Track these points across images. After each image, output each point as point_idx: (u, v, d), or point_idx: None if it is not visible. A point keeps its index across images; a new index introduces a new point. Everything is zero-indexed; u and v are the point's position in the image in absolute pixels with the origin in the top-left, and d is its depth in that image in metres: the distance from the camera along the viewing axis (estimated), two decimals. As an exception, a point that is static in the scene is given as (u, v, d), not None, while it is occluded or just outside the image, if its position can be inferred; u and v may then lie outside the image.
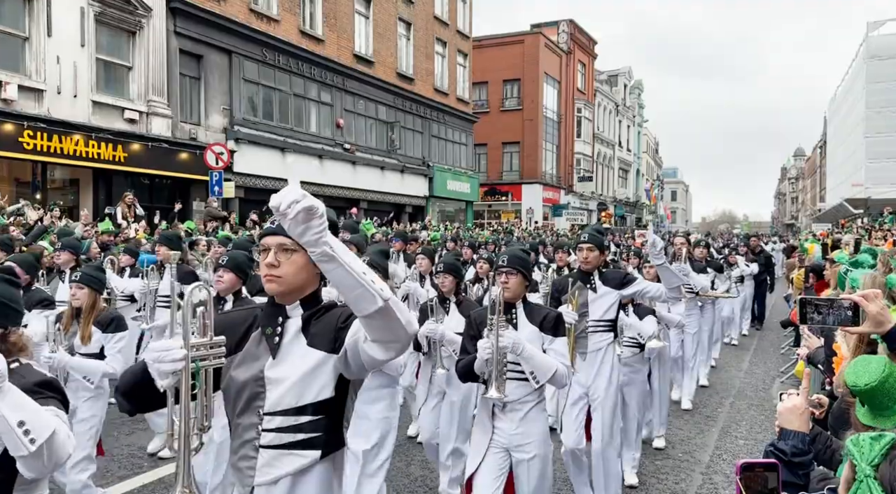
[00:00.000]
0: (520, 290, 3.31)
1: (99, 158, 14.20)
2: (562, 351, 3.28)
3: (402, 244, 8.18)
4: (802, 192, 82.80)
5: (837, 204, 37.84)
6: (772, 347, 11.07)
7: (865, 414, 1.55)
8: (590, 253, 4.30)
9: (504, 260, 3.31)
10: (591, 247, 4.30)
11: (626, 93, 51.02)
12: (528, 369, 3.17)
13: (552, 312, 3.38)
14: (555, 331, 3.28)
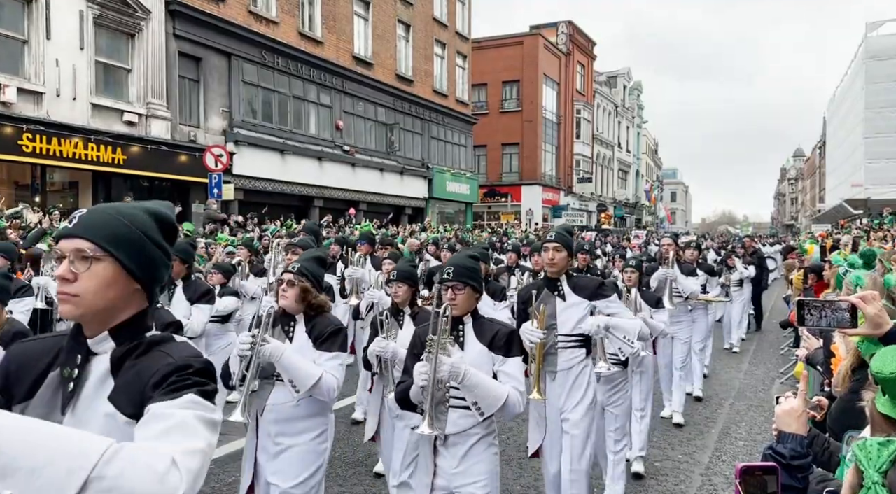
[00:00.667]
0: (468, 305, 2.90)
1: (98, 161, 14.20)
2: (515, 374, 2.81)
3: (368, 247, 7.25)
4: (802, 193, 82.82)
5: (837, 204, 37.85)
6: (771, 348, 11.07)
7: (886, 404, 1.54)
8: (556, 253, 3.73)
9: (449, 272, 2.87)
10: (557, 246, 3.73)
11: (625, 94, 51.06)
12: (470, 399, 2.72)
13: (504, 329, 2.93)
14: (507, 351, 2.84)
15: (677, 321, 6.80)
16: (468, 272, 2.92)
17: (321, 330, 3.06)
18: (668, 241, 7.02)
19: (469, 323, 2.94)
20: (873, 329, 2.01)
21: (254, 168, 18.28)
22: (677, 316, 6.77)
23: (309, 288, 3.08)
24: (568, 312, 3.76)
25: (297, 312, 3.11)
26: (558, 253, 3.74)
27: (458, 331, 2.91)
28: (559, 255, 3.74)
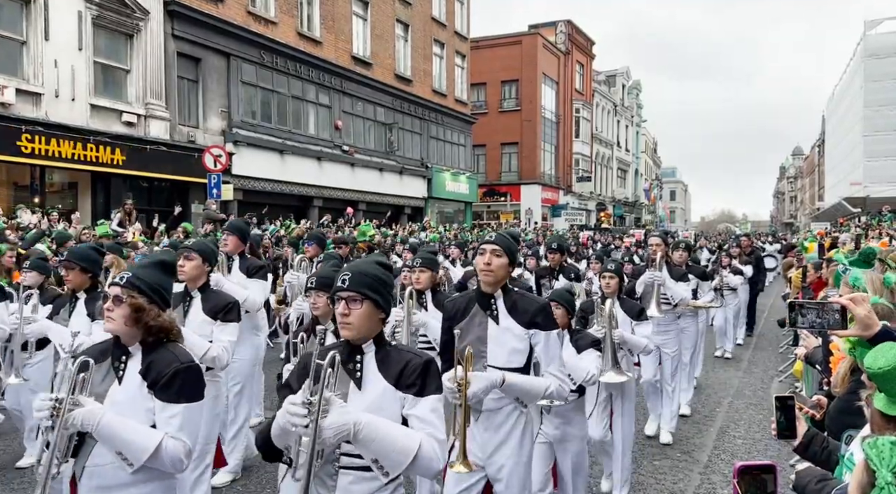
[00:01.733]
0: (368, 326, 2.18)
1: (97, 161, 14.20)
2: (430, 419, 2.11)
3: (316, 249, 6.53)
4: (801, 191, 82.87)
5: (836, 202, 37.90)
6: (770, 346, 11.08)
7: (882, 401, 1.55)
8: (494, 258, 2.95)
9: (344, 279, 2.18)
10: (496, 249, 2.96)
11: (624, 93, 51.08)
12: (367, 456, 2.00)
13: (417, 359, 2.17)
14: (421, 388, 2.12)
15: (664, 331, 6.12)
16: (370, 281, 2.17)
17: (160, 371, 2.24)
18: (657, 241, 6.16)
19: (370, 352, 2.19)
20: (863, 330, 2.03)
21: (253, 168, 18.28)
22: (665, 326, 6.09)
23: (144, 306, 2.28)
24: (500, 339, 2.93)
25: (130, 341, 2.30)
26: (497, 258, 2.95)
27: (356, 364, 2.17)
28: (497, 262, 2.94)
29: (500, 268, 2.96)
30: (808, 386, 6.53)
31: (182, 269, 3.82)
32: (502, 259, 2.96)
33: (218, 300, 3.92)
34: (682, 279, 6.11)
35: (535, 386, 2.91)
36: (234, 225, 5.53)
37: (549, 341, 2.96)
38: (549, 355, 2.98)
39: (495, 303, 2.98)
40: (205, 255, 3.98)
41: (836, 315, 2.04)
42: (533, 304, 2.98)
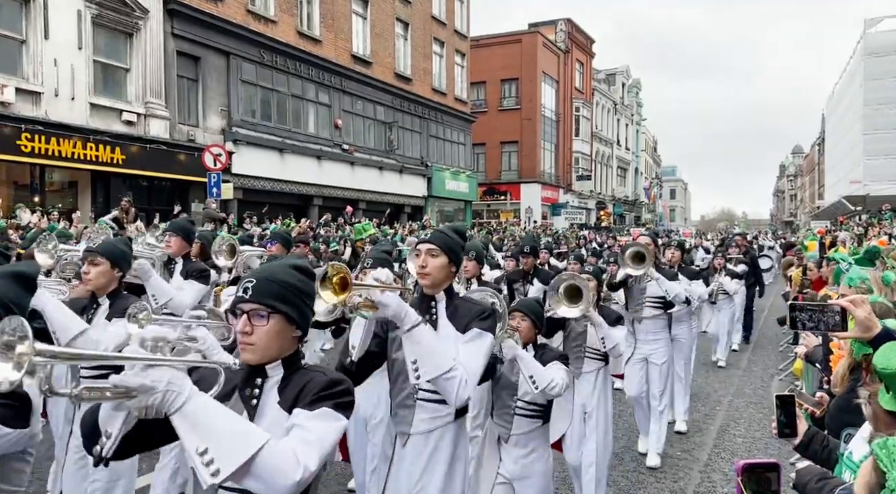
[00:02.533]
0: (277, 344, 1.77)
1: (97, 161, 14.19)
2: (307, 425, 1.63)
3: (280, 248, 6.16)
4: (801, 190, 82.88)
5: (836, 201, 37.89)
6: (770, 345, 11.08)
7: (890, 401, 1.55)
8: (429, 258, 2.62)
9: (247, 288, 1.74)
10: (432, 249, 2.61)
11: (624, 91, 51.06)
12: None
13: (322, 376, 1.73)
14: (312, 402, 1.65)
15: (654, 339, 5.51)
16: (279, 290, 1.74)
17: None
18: (645, 240, 5.72)
19: (275, 376, 1.76)
20: (863, 332, 2.04)
21: (253, 167, 18.28)
22: (654, 333, 5.51)
23: None
24: None
25: None
26: (433, 258, 2.61)
27: (253, 389, 1.76)
28: (434, 262, 2.61)
29: (437, 270, 2.63)
30: (808, 384, 6.54)
31: (87, 276, 3.41)
32: (439, 259, 2.63)
33: (127, 305, 3.12)
34: (672, 280, 5.54)
35: (443, 352, 2.40)
36: (178, 224, 5.16)
37: (476, 339, 2.54)
38: (468, 352, 2.50)
39: (435, 308, 2.69)
40: (113, 259, 3.46)
41: (836, 316, 2.05)
42: (476, 307, 2.67)
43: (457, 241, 2.71)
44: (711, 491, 4.95)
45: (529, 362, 3.17)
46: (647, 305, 5.53)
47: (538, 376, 3.15)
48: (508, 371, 3.40)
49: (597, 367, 4.45)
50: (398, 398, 2.76)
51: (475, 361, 2.51)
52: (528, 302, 3.60)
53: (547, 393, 3.19)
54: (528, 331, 3.39)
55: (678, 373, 6.27)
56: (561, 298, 3.98)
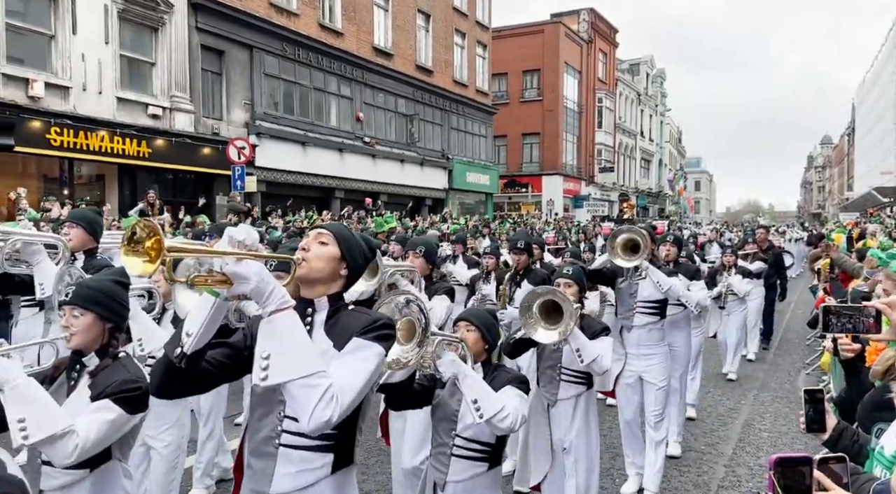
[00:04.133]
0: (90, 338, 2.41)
1: (124, 154, 14.41)
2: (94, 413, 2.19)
3: None
4: (829, 181, 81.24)
5: (865, 192, 37.07)
6: (797, 339, 10.91)
7: None
8: (316, 245, 2.05)
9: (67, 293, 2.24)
10: (324, 235, 2.06)
11: (648, 82, 50.40)
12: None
13: (126, 374, 2.36)
14: (100, 394, 2.29)
15: (648, 353, 4.59)
16: (93, 294, 2.34)
17: None
18: None
19: (91, 364, 2.36)
20: None
21: (276, 160, 18.42)
22: (648, 346, 4.59)
23: None
24: None
25: None
26: (320, 246, 2.03)
27: (74, 372, 2.35)
28: (318, 251, 2.02)
29: (319, 259, 1.99)
30: (835, 379, 6.43)
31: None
32: (327, 249, 2.01)
33: None
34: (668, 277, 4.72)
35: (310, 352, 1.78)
36: (79, 214, 4.32)
37: (354, 351, 1.88)
38: (341, 364, 1.85)
39: (311, 316, 2.00)
40: None
41: (871, 319, 2.02)
42: (363, 318, 1.98)
43: (356, 241, 2.11)
44: (736, 486, 4.91)
45: (474, 383, 2.53)
46: (638, 310, 4.55)
47: (484, 401, 2.48)
48: (449, 396, 2.75)
49: (576, 393, 3.69)
50: (255, 439, 2.00)
51: (351, 376, 1.81)
52: (476, 310, 3.11)
53: (495, 426, 2.50)
54: (475, 345, 2.78)
55: (672, 387, 5.21)
56: (536, 318, 3.26)
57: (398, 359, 2.34)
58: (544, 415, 3.79)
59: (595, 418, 3.81)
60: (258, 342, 1.75)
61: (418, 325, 2.33)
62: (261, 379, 1.70)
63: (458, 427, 2.72)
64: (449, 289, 4.40)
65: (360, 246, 2.14)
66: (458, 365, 2.56)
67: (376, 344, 1.92)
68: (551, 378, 3.76)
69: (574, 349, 3.42)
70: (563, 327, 3.26)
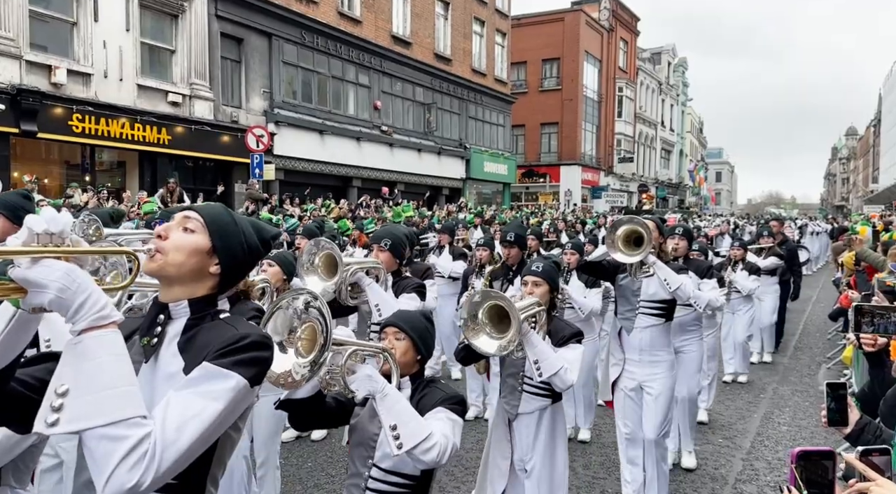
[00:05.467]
0: None
1: (144, 141, 14.54)
2: None
3: None
4: (854, 173, 79.80)
5: (892, 185, 36.36)
6: (818, 332, 10.76)
7: None
8: (178, 233, 1.58)
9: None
10: (191, 219, 1.60)
11: (669, 71, 49.72)
12: None
13: None
14: None
15: (651, 359, 4.05)
16: None
17: None
18: (651, 224, 4.22)
19: None
20: None
21: (294, 148, 18.48)
22: (651, 352, 4.05)
23: None
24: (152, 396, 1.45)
25: None
26: (182, 233, 1.57)
27: None
28: (179, 240, 1.55)
29: (179, 251, 1.53)
30: (857, 373, 6.33)
31: None
32: (193, 237, 1.56)
33: None
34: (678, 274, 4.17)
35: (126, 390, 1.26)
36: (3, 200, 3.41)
37: (202, 382, 1.38)
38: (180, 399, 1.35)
39: (164, 325, 1.55)
40: None
41: None
42: (229, 333, 1.47)
43: (237, 229, 1.63)
44: (754, 479, 4.86)
45: (394, 405, 2.09)
46: (641, 311, 4.04)
47: (406, 428, 2.06)
48: (369, 417, 2.29)
49: (539, 406, 3.26)
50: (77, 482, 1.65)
51: (186, 420, 1.32)
52: (407, 314, 2.53)
53: (417, 458, 2.07)
54: (404, 355, 2.35)
55: (682, 397, 4.92)
56: (482, 323, 2.84)
57: (289, 374, 1.83)
58: (506, 430, 3.31)
59: (563, 436, 3.33)
60: (56, 369, 1.23)
61: (319, 333, 1.83)
62: (48, 423, 1.18)
63: (375, 455, 2.26)
64: (418, 286, 3.95)
65: (242, 236, 1.63)
66: (375, 381, 2.09)
67: (233, 374, 1.40)
68: (513, 388, 3.30)
69: (532, 360, 2.94)
70: (505, 340, 2.76)
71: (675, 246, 4.88)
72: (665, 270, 3.94)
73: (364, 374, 2.10)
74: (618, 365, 4.17)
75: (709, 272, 5.00)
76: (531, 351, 2.93)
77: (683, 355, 4.96)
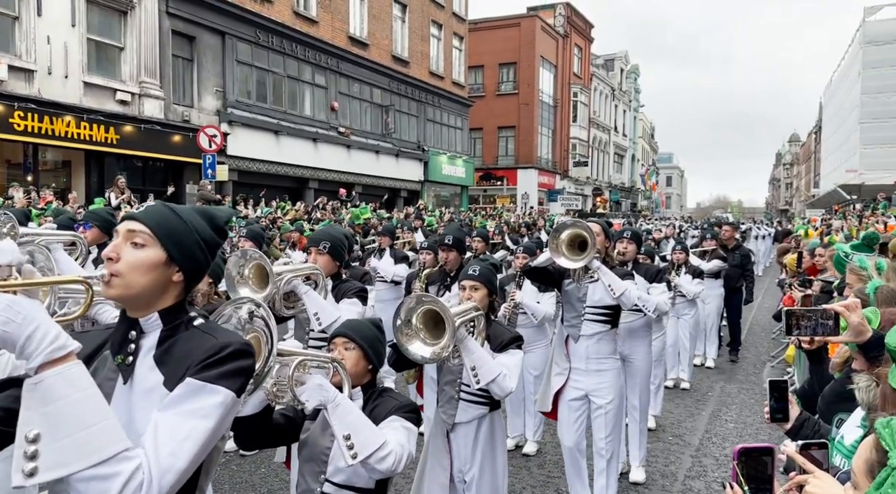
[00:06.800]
0: None
1: (91, 140, 14.08)
2: None
3: (98, 234, 4.54)
4: (797, 178, 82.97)
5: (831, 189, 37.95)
6: (763, 331, 11.16)
7: None
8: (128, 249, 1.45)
9: None
10: (138, 233, 1.46)
11: (622, 77, 50.82)
12: None
13: None
14: None
15: (597, 368, 3.94)
16: None
17: None
18: (597, 229, 4.01)
19: None
20: (855, 336, 2.07)
21: (248, 149, 18.17)
22: (598, 360, 3.95)
23: None
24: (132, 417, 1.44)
25: None
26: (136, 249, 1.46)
27: None
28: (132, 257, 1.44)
29: (136, 270, 1.42)
30: (799, 371, 6.59)
31: None
32: (146, 252, 1.44)
33: None
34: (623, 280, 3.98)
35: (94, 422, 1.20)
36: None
37: (185, 400, 1.33)
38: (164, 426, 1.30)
39: (137, 342, 1.46)
40: None
41: (829, 322, 2.09)
42: (209, 343, 1.42)
43: (188, 228, 1.50)
44: (702, 475, 5.00)
45: (346, 415, 2.02)
46: (587, 317, 3.93)
47: (360, 437, 2.00)
48: (320, 430, 2.25)
49: (478, 414, 3.11)
50: None
51: (178, 442, 1.28)
52: (357, 323, 2.48)
53: (372, 467, 2.03)
54: (354, 366, 2.29)
55: (632, 404, 4.88)
56: (416, 329, 2.69)
57: None
58: (444, 441, 3.15)
59: (502, 446, 3.22)
60: (21, 414, 1.15)
61: (264, 344, 1.72)
62: (26, 473, 1.11)
63: (328, 469, 2.20)
64: (360, 290, 3.78)
65: (195, 233, 1.51)
66: (326, 390, 2.01)
67: (219, 388, 1.35)
68: (450, 396, 3.14)
69: (469, 366, 2.78)
70: (439, 346, 2.62)
71: (624, 249, 4.85)
72: (609, 276, 3.80)
73: (315, 384, 2.02)
74: (562, 374, 4.01)
75: (657, 276, 5.03)
76: (468, 358, 2.78)
77: (633, 363, 4.90)
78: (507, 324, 4.30)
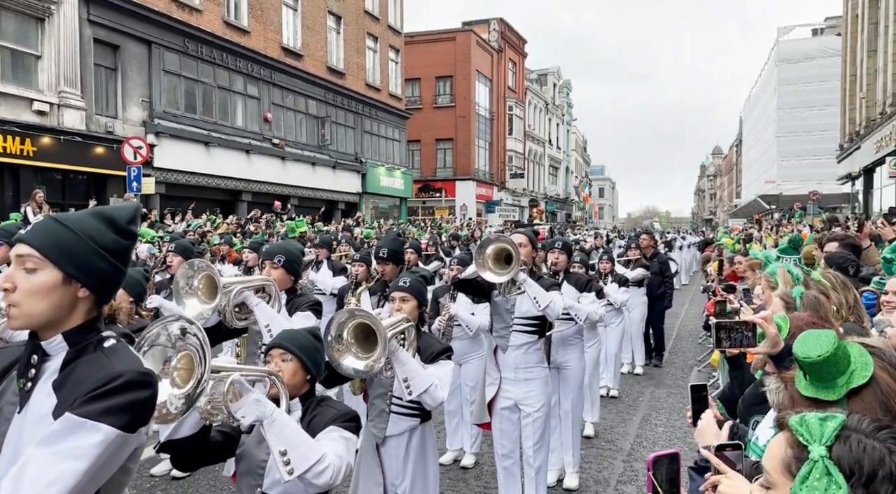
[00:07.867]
0: None
1: (5, 152, 13.32)
2: None
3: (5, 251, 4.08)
4: (720, 189, 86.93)
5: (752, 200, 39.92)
6: (690, 337, 11.56)
7: (807, 387, 1.61)
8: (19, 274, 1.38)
9: None
10: (29, 258, 1.37)
11: (555, 92, 52.11)
12: None
13: None
14: None
15: (525, 377, 4.00)
16: None
17: None
18: (521, 240, 4.01)
19: None
20: (770, 348, 2.16)
21: (176, 161, 17.58)
22: (526, 369, 4.01)
23: None
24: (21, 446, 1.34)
25: None
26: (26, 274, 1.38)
27: None
28: (28, 282, 1.38)
29: (34, 297, 1.35)
30: (723, 374, 6.84)
31: None
32: (41, 275, 1.36)
33: None
34: (549, 291, 3.91)
35: None
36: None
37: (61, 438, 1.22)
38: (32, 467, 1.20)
39: (38, 367, 1.39)
40: None
41: (749, 333, 2.18)
42: (104, 372, 1.31)
43: (83, 239, 1.39)
44: (633, 480, 5.11)
45: (283, 429, 1.97)
46: (515, 328, 3.99)
47: (296, 452, 1.97)
48: (255, 444, 2.22)
49: (408, 426, 3.10)
50: None
51: (44, 486, 1.18)
52: (293, 333, 2.41)
53: (309, 482, 2.00)
54: (292, 377, 2.26)
55: (565, 411, 4.96)
56: (346, 345, 2.67)
57: (163, 407, 1.67)
58: (374, 455, 3.13)
59: (434, 457, 3.22)
60: None
61: (197, 364, 1.67)
62: None
63: (264, 482, 2.16)
64: (314, 304, 3.77)
65: (91, 242, 1.38)
66: (263, 405, 1.95)
67: (99, 425, 1.22)
68: (381, 409, 3.11)
69: (401, 378, 2.78)
70: (372, 359, 2.62)
71: (556, 260, 4.93)
72: (535, 288, 3.80)
73: (251, 399, 1.96)
74: (493, 384, 4.06)
75: (588, 285, 5.14)
76: (400, 369, 2.78)
77: (566, 370, 4.97)
78: (442, 337, 4.33)
